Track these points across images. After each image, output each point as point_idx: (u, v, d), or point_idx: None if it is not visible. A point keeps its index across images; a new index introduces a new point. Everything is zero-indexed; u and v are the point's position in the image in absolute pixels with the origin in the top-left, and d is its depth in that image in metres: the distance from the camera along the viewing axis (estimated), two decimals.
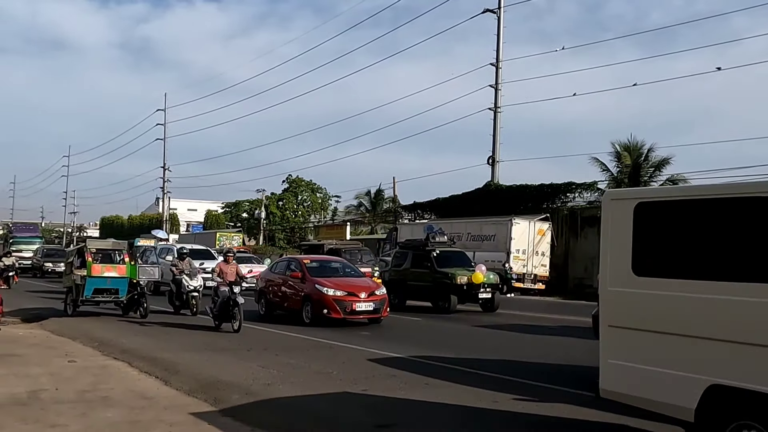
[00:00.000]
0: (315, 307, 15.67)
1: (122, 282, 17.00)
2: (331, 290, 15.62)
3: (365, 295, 15.85)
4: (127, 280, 17.04)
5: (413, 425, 6.84)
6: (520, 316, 19.06)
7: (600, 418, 6.98)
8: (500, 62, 35.55)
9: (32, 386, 8.45)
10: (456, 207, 35.07)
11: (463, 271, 20.07)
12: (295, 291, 16.57)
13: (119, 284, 16.99)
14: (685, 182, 32.07)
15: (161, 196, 66.23)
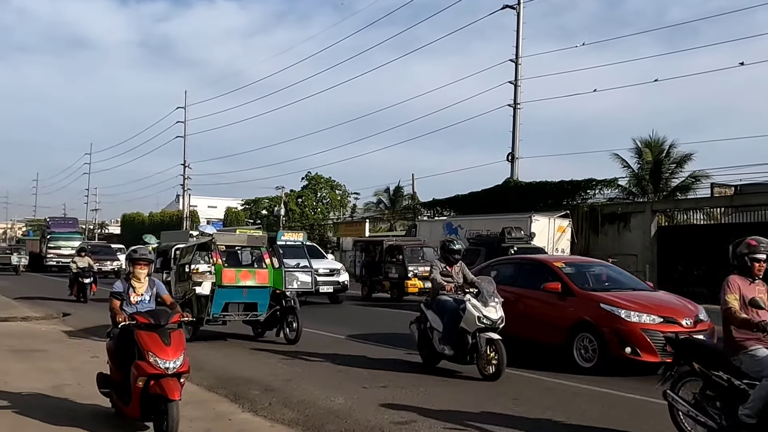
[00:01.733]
0: (608, 343, 9.52)
1: (263, 294, 12.54)
2: (634, 314, 9.52)
3: (689, 322, 9.52)
4: (268, 290, 12.60)
5: (433, 422, 6.82)
6: None
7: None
8: (520, 58, 35.33)
9: (55, 381, 8.54)
10: (475, 204, 34.93)
11: None
12: (551, 314, 10.51)
13: (259, 296, 12.49)
14: (707, 179, 31.88)
15: (182, 194, 66.55)
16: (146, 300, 6.88)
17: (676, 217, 29.64)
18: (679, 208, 29.95)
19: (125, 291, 6.89)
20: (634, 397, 8.11)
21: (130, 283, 6.92)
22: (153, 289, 6.98)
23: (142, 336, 6.22)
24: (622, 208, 30.58)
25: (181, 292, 13.34)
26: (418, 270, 22.76)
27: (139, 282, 6.94)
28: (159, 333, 6.23)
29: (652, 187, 33.48)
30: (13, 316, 16.19)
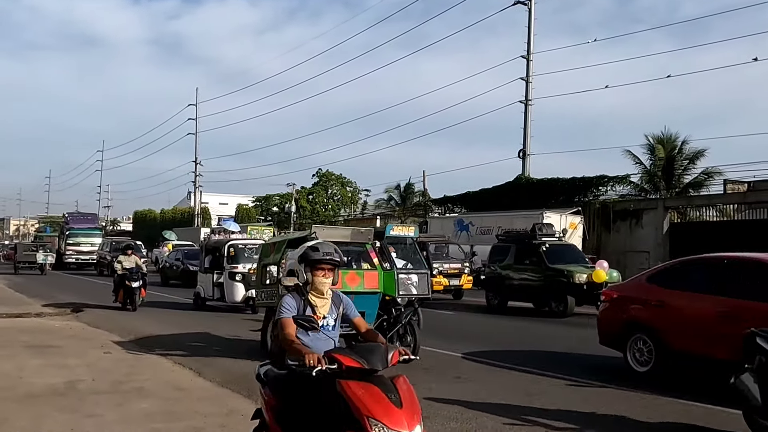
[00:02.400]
0: None
1: (371, 301, 10.38)
2: None
3: None
4: (378, 297, 10.57)
5: (445, 418, 6.82)
6: None
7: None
8: (531, 55, 35.22)
9: (70, 377, 8.60)
10: (486, 201, 34.86)
11: (581, 268, 17.45)
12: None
13: (366, 304, 9.89)
14: (720, 175, 31.67)
15: (193, 191, 66.79)
16: (330, 325, 4.56)
17: (688, 214, 29.47)
18: (691, 204, 29.78)
19: (300, 310, 4.47)
20: None
21: (308, 298, 4.53)
22: (339, 309, 4.62)
23: (353, 390, 3.77)
24: (634, 204, 30.44)
25: (264, 299, 11.72)
26: (443, 267, 22.50)
27: (321, 297, 4.54)
28: (379, 385, 3.83)
29: (664, 184, 33.31)
30: (27, 312, 16.32)
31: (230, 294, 17.23)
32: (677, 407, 7.50)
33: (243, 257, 17.52)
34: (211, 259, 17.34)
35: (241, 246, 17.81)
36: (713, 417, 7.05)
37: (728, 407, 6.85)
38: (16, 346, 10.97)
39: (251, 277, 14.96)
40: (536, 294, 18.34)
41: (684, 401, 7.72)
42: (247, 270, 15.83)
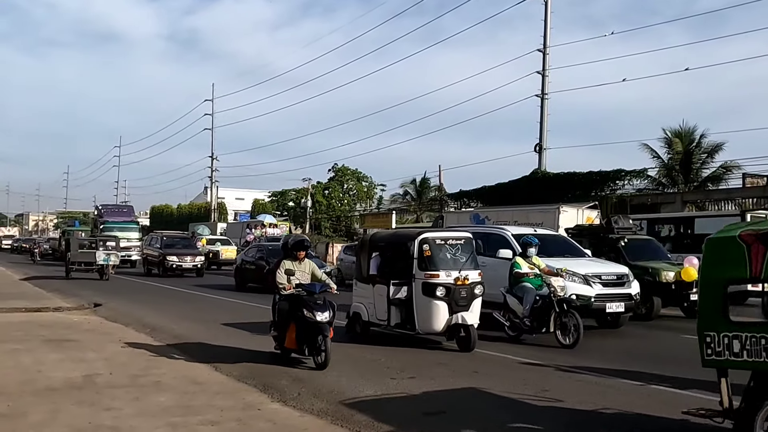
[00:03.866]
0: None
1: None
2: None
3: None
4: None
5: (462, 413, 6.80)
6: None
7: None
8: (547, 48, 35.01)
9: (87, 371, 8.65)
10: (502, 195, 34.74)
11: (667, 266, 15.89)
12: None
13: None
14: (738, 169, 31.38)
15: (209, 185, 67.11)
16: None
17: (706, 208, 29.22)
18: (710, 198, 29.52)
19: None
20: None
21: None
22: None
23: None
24: (651, 198, 30.23)
25: None
26: None
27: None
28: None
29: (682, 178, 33.05)
30: (45, 306, 16.44)
31: (425, 319, 10.78)
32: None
33: (445, 259, 11.01)
34: (380, 261, 11.71)
35: (439, 241, 11.15)
36: None
37: None
38: (34, 341, 11.05)
39: (460, 293, 10.57)
40: None
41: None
42: (453, 280, 10.58)
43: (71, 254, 27.01)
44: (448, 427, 6.36)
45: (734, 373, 5.38)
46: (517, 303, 11.58)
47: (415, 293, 10.81)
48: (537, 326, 11.35)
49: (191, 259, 30.28)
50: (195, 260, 30.36)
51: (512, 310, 11.67)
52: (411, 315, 10.88)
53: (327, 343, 8.89)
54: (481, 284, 10.89)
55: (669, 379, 8.60)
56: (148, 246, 33.06)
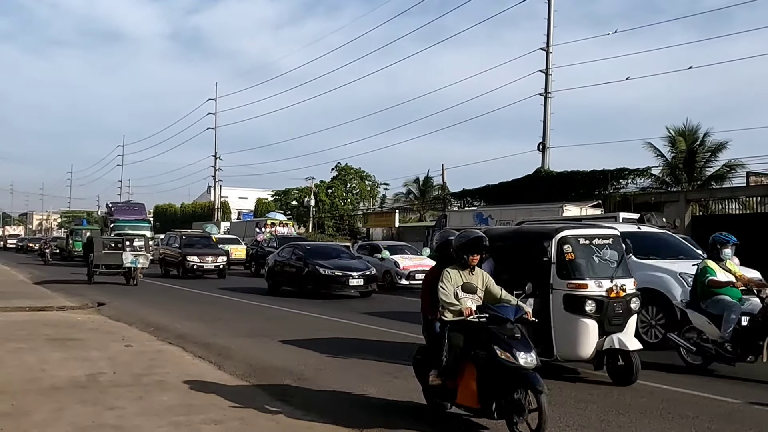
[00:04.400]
0: None
1: None
2: None
3: None
4: None
5: (465, 412, 6.79)
6: None
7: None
8: (551, 47, 34.97)
9: (91, 369, 8.67)
10: (506, 194, 34.70)
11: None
12: None
13: None
14: (742, 168, 31.31)
15: (213, 185, 67.19)
16: None
17: (710, 207, 29.16)
18: (713, 197, 29.46)
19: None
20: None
21: None
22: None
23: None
24: (655, 197, 30.16)
25: None
26: None
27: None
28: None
29: (686, 176, 32.99)
30: (49, 305, 16.49)
31: (568, 342, 8.37)
32: (702, 401, 7.42)
33: (593, 265, 8.49)
34: (493, 266, 8.31)
35: (583, 241, 8.59)
36: None
37: None
38: (38, 339, 11.09)
39: (614, 308, 8.31)
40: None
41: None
42: (605, 291, 8.24)
43: (94, 255, 23.81)
44: (453, 426, 6.36)
45: None
46: (708, 322, 8.97)
47: (553, 309, 8.33)
48: (741, 353, 8.75)
49: (213, 259, 28.62)
50: (217, 261, 28.66)
51: (698, 330, 9.18)
52: (546, 337, 8.26)
53: (541, 401, 5.70)
54: (637, 297, 8.59)
55: (674, 381, 8.58)
56: (166, 246, 31.66)
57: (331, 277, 19.87)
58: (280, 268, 21.82)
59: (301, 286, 20.46)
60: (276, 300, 19.07)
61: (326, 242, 25.59)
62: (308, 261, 20.45)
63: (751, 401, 7.40)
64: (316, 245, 22.96)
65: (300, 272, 20.54)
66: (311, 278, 20.07)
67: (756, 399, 7.53)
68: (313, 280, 19.93)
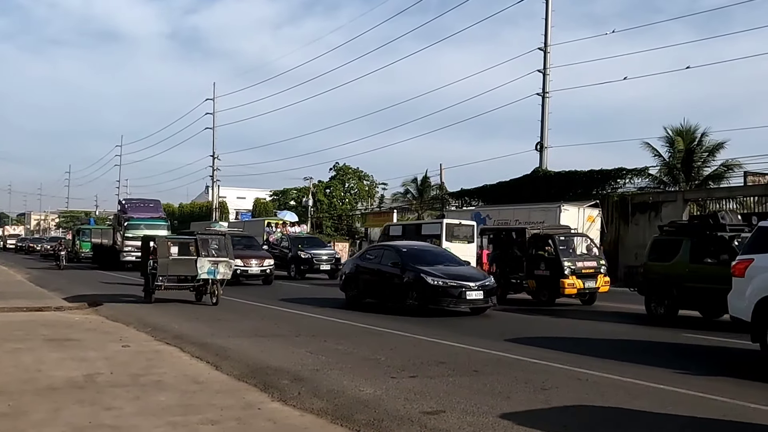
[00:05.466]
0: None
1: None
2: None
3: None
4: None
5: (462, 413, 6.80)
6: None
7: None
8: (549, 46, 35.06)
9: (88, 370, 8.67)
10: (504, 194, 34.79)
11: None
12: None
13: None
14: (740, 167, 31.38)
15: (211, 185, 67.20)
16: None
17: (708, 207, 29.23)
18: (711, 197, 29.54)
19: None
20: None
21: None
22: None
23: None
24: (653, 197, 30.24)
25: None
26: (576, 266, 18.32)
27: None
28: None
29: (683, 176, 33.08)
30: (47, 305, 16.48)
31: None
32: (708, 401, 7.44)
33: None
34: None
35: None
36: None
37: None
38: (36, 340, 11.08)
39: None
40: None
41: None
42: None
43: (159, 263, 17.11)
44: (448, 426, 6.36)
45: None
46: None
47: None
48: None
49: (258, 263, 25.18)
50: (263, 264, 25.28)
51: None
52: None
53: None
54: None
55: (670, 380, 8.60)
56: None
57: (443, 289, 15.53)
58: (366, 276, 17.78)
59: (398, 298, 16.43)
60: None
61: (421, 243, 20.27)
62: (408, 267, 16.32)
63: (747, 401, 7.41)
64: (413, 246, 18.32)
65: (397, 282, 16.45)
66: (416, 290, 15.81)
67: (752, 399, 7.54)
68: (418, 292, 15.70)
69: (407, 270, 16.23)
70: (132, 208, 37.58)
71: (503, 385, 8.10)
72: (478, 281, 15.92)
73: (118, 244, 35.53)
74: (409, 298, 15.94)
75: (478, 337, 12.09)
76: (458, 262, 17.55)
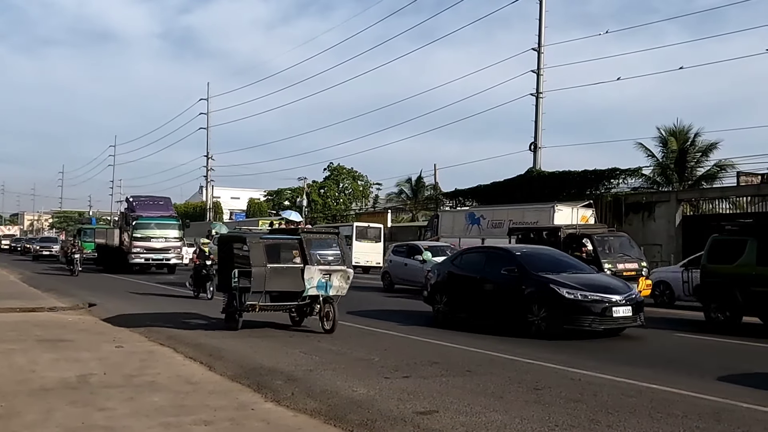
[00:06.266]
0: None
1: None
2: None
3: None
4: None
5: (455, 413, 6.82)
6: None
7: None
8: (542, 47, 35.12)
9: (82, 370, 8.66)
10: (498, 194, 34.83)
11: None
12: None
13: None
14: (733, 167, 31.50)
15: (205, 185, 67.11)
16: None
17: (701, 207, 29.36)
18: (704, 197, 29.65)
19: None
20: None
21: None
22: None
23: None
24: (646, 197, 30.33)
25: None
26: (617, 267, 17.38)
27: None
28: None
29: (676, 176, 33.21)
30: (40, 306, 16.44)
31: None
32: (698, 401, 7.47)
33: None
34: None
35: None
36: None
37: None
38: (29, 340, 11.06)
39: None
40: None
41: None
42: None
43: (254, 275, 12.07)
44: (441, 426, 6.38)
45: None
46: None
47: None
48: None
49: None
50: None
51: None
52: None
53: None
54: None
55: (663, 380, 8.64)
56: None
57: (582, 305, 12.12)
58: (462, 285, 14.33)
59: (513, 316, 13.01)
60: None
61: (535, 246, 17.59)
62: (531, 275, 12.89)
63: (740, 400, 7.44)
64: (529, 249, 15.03)
65: (512, 295, 12.93)
66: (543, 305, 12.35)
67: (744, 398, 7.57)
68: (547, 308, 12.24)
69: (529, 279, 12.77)
70: (140, 206, 34.44)
71: (496, 385, 8.13)
72: (623, 293, 12.49)
73: (126, 244, 32.98)
74: (533, 315, 12.35)
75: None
76: (586, 269, 14.04)
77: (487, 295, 13.60)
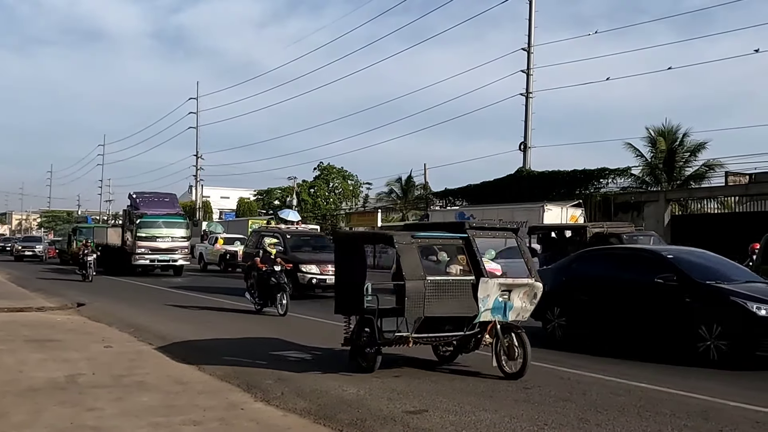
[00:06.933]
0: None
1: None
2: None
3: None
4: None
5: (444, 412, 6.83)
6: None
7: None
8: (532, 47, 35.19)
9: (70, 371, 8.62)
10: (487, 193, 34.88)
11: None
12: None
13: None
14: (721, 167, 31.68)
15: (194, 184, 66.88)
16: None
17: (690, 206, 29.51)
18: (693, 196, 29.80)
19: None
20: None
21: None
22: None
23: None
24: (635, 197, 30.45)
25: None
26: None
27: None
28: None
29: (665, 176, 33.35)
30: (28, 306, 16.34)
31: None
32: (698, 401, 7.50)
33: None
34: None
35: None
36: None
37: None
38: (17, 341, 10.99)
39: None
40: None
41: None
42: None
43: (408, 293, 8.01)
44: (431, 425, 6.39)
45: None
46: None
47: None
48: None
49: None
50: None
51: None
52: None
53: None
54: None
55: (652, 379, 8.68)
56: (254, 248, 20.21)
57: None
58: (590, 295, 11.39)
59: (671, 335, 10.24)
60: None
61: (685, 247, 13.74)
62: (699, 285, 9.98)
63: (728, 399, 7.49)
64: (684, 252, 11.82)
65: (672, 309, 10.06)
66: (722, 324, 9.46)
67: (733, 397, 7.61)
68: (727, 328, 9.39)
69: (696, 289, 9.90)
70: (145, 204, 31.37)
71: (486, 385, 8.15)
72: None
73: (129, 245, 30.34)
74: (704, 336, 9.58)
75: None
76: (756, 277, 11.12)
77: (634, 309, 10.61)
